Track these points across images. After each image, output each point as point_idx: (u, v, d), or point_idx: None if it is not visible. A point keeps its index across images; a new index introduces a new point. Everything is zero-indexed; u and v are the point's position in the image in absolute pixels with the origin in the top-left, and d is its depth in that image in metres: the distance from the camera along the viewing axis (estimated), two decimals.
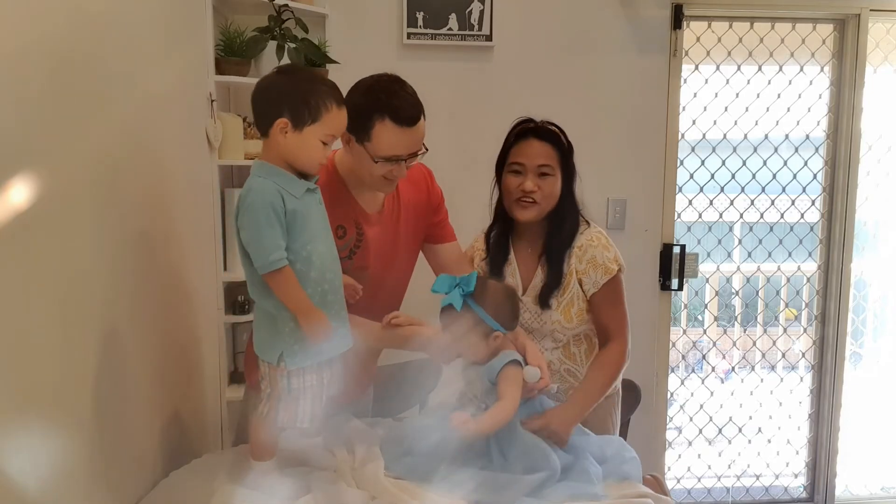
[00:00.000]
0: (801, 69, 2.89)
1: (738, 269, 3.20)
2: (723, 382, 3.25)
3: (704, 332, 3.35)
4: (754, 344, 3.30)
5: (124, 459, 1.40)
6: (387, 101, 1.50)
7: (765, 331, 3.32)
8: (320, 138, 1.33)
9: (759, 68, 2.89)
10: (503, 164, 1.78)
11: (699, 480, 3.15)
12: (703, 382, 3.13)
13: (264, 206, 1.28)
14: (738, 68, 2.88)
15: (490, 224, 1.86)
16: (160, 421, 1.59)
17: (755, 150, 2.95)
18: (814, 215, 3.03)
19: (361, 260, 1.61)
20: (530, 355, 1.57)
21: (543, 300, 1.74)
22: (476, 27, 2.61)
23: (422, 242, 1.80)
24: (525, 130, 1.77)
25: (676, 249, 2.84)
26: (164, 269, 1.62)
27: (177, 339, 1.74)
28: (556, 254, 1.74)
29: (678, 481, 3.13)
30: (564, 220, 1.76)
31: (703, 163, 2.94)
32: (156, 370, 1.57)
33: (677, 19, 2.72)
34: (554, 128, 1.78)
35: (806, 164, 2.99)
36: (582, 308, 1.76)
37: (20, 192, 1.02)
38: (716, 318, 3.39)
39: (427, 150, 1.60)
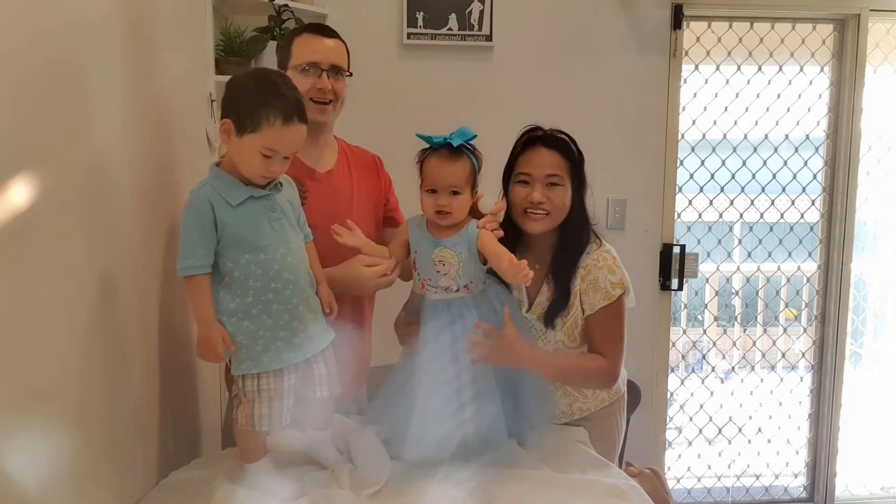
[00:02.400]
0: (801, 69, 2.89)
1: (738, 269, 3.20)
2: (723, 382, 3.25)
3: (704, 332, 3.35)
4: (754, 344, 3.30)
5: (124, 459, 1.40)
6: (308, 25, 1.75)
7: (765, 331, 3.31)
8: (258, 150, 1.30)
9: (759, 68, 2.89)
10: (510, 173, 1.69)
11: (699, 480, 3.15)
12: (703, 382, 3.13)
13: (192, 212, 1.31)
14: (738, 68, 2.88)
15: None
16: (160, 420, 1.59)
17: (755, 150, 2.95)
18: (814, 215, 3.03)
19: (307, 216, 1.56)
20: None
21: (549, 320, 1.67)
22: (476, 27, 2.61)
23: (381, 223, 1.85)
24: (533, 139, 1.68)
25: (676, 249, 2.84)
26: (163, 269, 1.62)
27: (176, 339, 1.74)
28: (563, 272, 1.66)
29: (678, 481, 3.13)
30: (574, 236, 1.67)
31: (703, 163, 2.94)
32: (155, 370, 1.57)
33: (677, 19, 2.72)
34: (564, 136, 1.69)
35: (806, 164, 2.99)
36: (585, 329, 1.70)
37: (19, 193, 1.02)
38: (716, 318, 3.40)
39: (351, 73, 1.73)
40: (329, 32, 1.70)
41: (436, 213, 1.51)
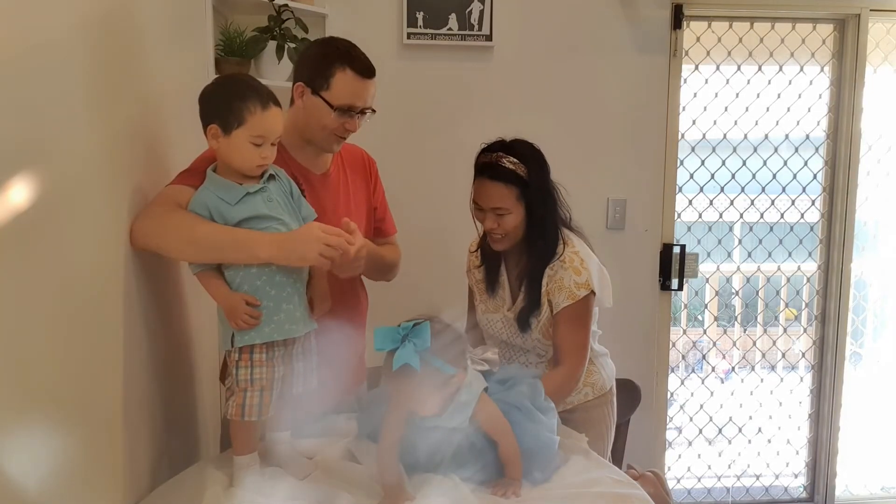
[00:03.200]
0: (801, 69, 2.89)
1: (738, 269, 3.20)
2: (723, 382, 3.25)
3: (704, 332, 3.35)
4: (754, 344, 3.30)
5: (124, 460, 1.40)
6: (346, 51, 1.59)
7: (765, 331, 3.32)
8: (249, 140, 1.37)
9: (759, 68, 2.89)
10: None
11: (699, 480, 3.15)
12: (703, 382, 3.13)
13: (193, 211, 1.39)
14: (738, 68, 2.88)
15: (482, 239, 1.85)
16: (159, 421, 1.59)
17: (755, 150, 2.95)
18: (814, 215, 3.03)
19: None
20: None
21: (522, 323, 1.75)
22: (476, 27, 2.61)
23: (372, 227, 1.82)
24: (481, 167, 1.70)
25: (676, 249, 2.84)
26: (163, 269, 1.62)
27: (176, 339, 1.74)
28: (532, 279, 1.73)
29: (678, 481, 3.13)
30: (536, 246, 1.72)
31: (703, 163, 2.94)
32: (155, 370, 1.57)
33: (677, 19, 2.72)
34: (509, 162, 1.66)
35: (806, 164, 2.99)
36: None
37: (20, 192, 1.02)
38: (716, 318, 3.40)
39: (375, 111, 1.65)
40: (372, 73, 1.61)
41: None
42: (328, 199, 1.68)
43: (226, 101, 1.37)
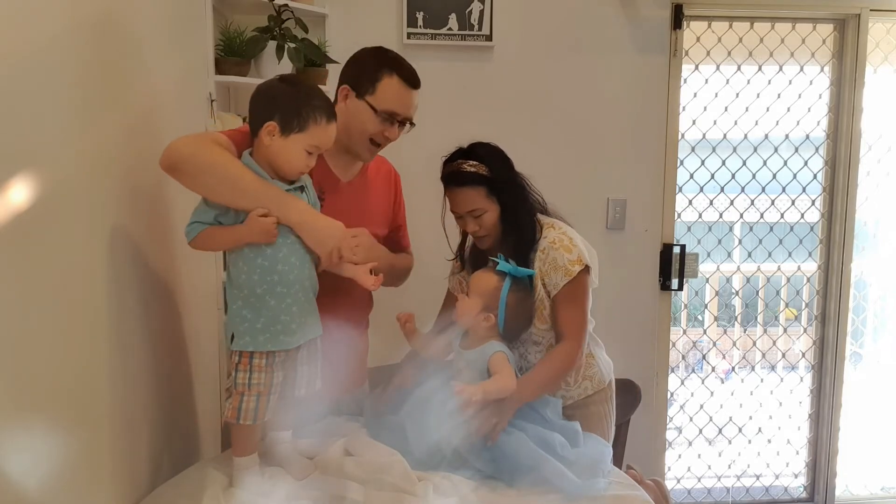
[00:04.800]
0: (801, 69, 2.89)
1: (738, 269, 3.20)
2: (723, 382, 3.25)
3: (704, 332, 3.35)
4: (754, 344, 3.29)
5: (124, 460, 1.40)
6: (395, 59, 1.63)
7: (765, 331, 3.32)
8: (305, 148, 1.39)
9: (759, 68, 2.89)
10: None
11: (699, 480, 3.15)
12: (703, 382, 3.13)
13: None
14: (738, 68, 2.88)
15: (469, 242, 1.89)
16: (160, 421, 1.59)
17: (755, 150, 2.95)
18: (814, 215, 3.03)
19: None
20: None
21: None
22: (476, 27, 2.61)
23: (384, 240, 1.81)
24: (445, 178, 1.75)
25: (676, 249, 2.84)
26: (163, 269, 1.62)
27: (176, 339, 1.74)
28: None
29: (678, 481, 3.13)
30: (514, 234, 1.76)
31: (703, 163, 2.94)
32: (155, 370, 1.57)
33: (677, 19, 2.72)
34: (470, 167, 1.72)
35: (806, 164, 2.99)
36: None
37: (20, 193, 1.02)
38: (716, 318, 3.40)
39: (414, 125, 1.67)
40: (418, 84, 1.65)
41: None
42: (350, 206, 1.68)
43: (294, 103, 1.38)
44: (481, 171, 1.72)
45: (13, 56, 1.02)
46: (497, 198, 1.73)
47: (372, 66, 1.61)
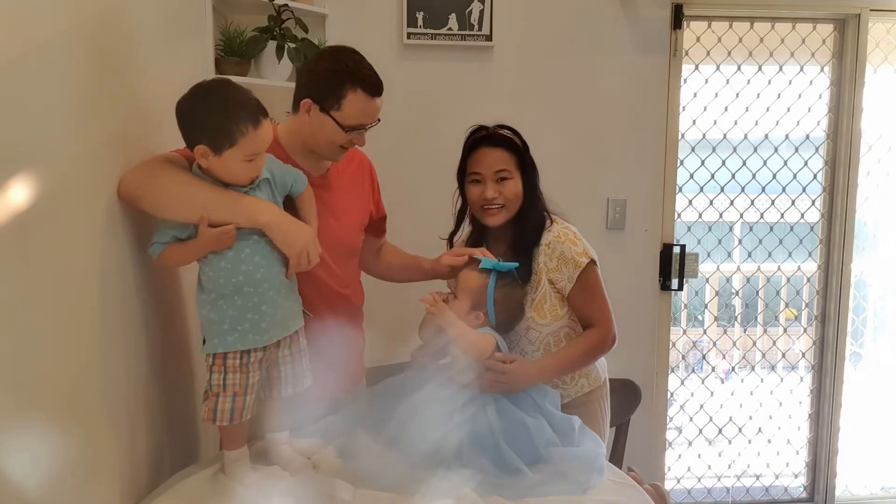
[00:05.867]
0: (801, 69, 2.89)
1: (738, 269, 3.20)
2: (723, 382, 3.25)
3: (704, 332, 3.35)
4: (754, 344, 3.29)
5: (124, 459, 1.40)
6: (356, 69, 1.55)
7: (765, 331, 3.31)
8: (242, 159, 1.35)
9: (759, 68, 2.88)
10: (464, 174, 1.81)
11: (699, 480, 3.15)
12: (703, 382, 3.13)
13: None
14: (738, 68, 2.88)
15: (471, 232, 1.89)
16: (159, 421, 1.59)
17: (755, 150, 2.95)
18: (814, 215, 3.03)
19: None
20: None
21: None
22: (476, 27, 2.61)
23: (362, 230, 1.81)
24: (478, 139, 1.79)
25: (676, 249, 2.84)
26: (162, 270, 1.62)
27: (176, 339, 1.74)
28: (522, 251, 1.77)
29: (678, 481, 3.13)
30: (528, 219, 1.78)
31: (703, 163, 2.94)
32: (155, 370, 1.57)
33: (677, 19, 2.72)
34: (506, 131, 1.79)
35: (806, 164, 2.99)
36: (555, 305, 1.77)
37: (20, 193, 1.02)
38: (716, 318, 3.40)
39: (380, 120, 1.65)
40: (381, 90, 1.60)
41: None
42: (325, 200, 1.67)
43: (214, 122, 1.32)
44: (516, 140, 1.77)
45: (13, 56, 1.02)
46: (521, 172, 1.76)
47: (333, 81, 1.54)
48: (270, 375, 1.47)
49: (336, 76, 1.54)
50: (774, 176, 2.99)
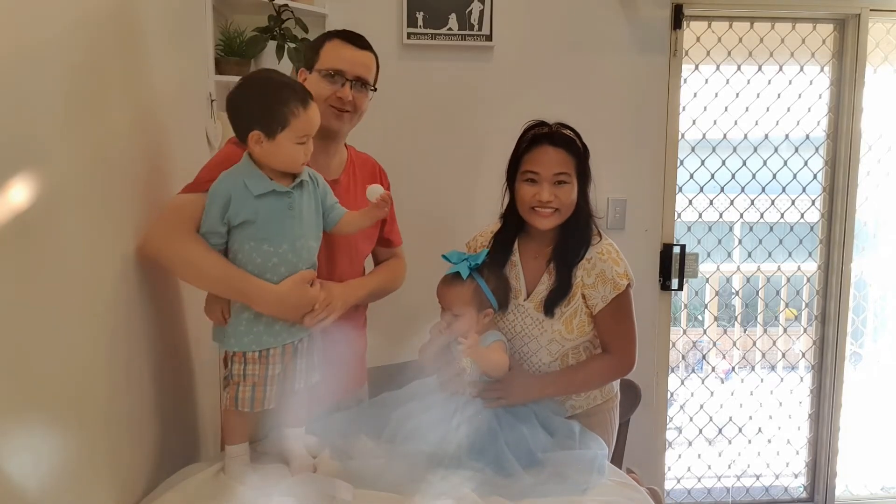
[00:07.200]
0: (801, 69, 2.89)
1: (738, 269, 3.20)
2: (723, 382, 3.25)
3: (704, 332, 3.35)
4: (754, 344, 3.29)
5: (124, 459, 1.40)
6: (339, 30, 1.67)
7: (765, 331, 3.31)
8: (294, 141, 1.39)
9: (759, 68, 2.89)
10: (515, 170, 1.70)
11: (699, 480, 3.15)
12: (703, 382, 3.13)
13: (213, 193, 1.41)
14: (738, 68, 2.88)
15: (501, 226, 1.80)
16: (159, 420, 1.59)
17: (755, 150, 2.95)
18: (814, 215, 3.03)
19: None
20: None
21: (548, 308, 1.68)
22: (476, 27, 2.61)
23: (374, 240, 1.81)
24: (539, 136, 1.67)
25: (676, 249, 2.84)
26: (162, 269, 1.62)
27: (176, 339, 1.74)
28: (566, 263, 1.67)
29: (678, 481, 3.13)
30: (578, 230, 1.68)
31: (703, 163, 2.94)
32: (155, 370, 1.57)
33: (677, 19, 2.72)
34: (569, 132, 1.68)
35: (806, 164, 2.99)
36: (584, 321, 1.69)
37: (20, 193, 1.02)
38: (716, 319, 3.39)
39: (375, 89, 1.67)
40: (361, 43, 1.66)
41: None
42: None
43: (266, 106, 1.37)
44: (578, 142, 1.68)
45: (13, 55, 1.02)
46: (577, 178, 1.67)
47: (318, 40, 1.67)
48: (286, 368, 1.48)
49: (321, 37, 1.67)
50: (774, 176, 2.99)
